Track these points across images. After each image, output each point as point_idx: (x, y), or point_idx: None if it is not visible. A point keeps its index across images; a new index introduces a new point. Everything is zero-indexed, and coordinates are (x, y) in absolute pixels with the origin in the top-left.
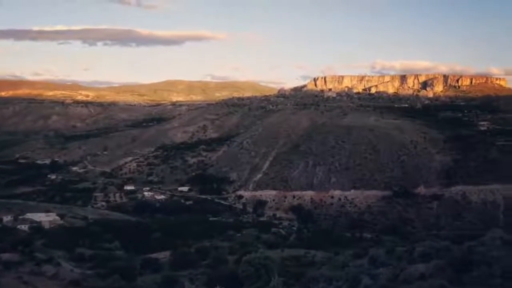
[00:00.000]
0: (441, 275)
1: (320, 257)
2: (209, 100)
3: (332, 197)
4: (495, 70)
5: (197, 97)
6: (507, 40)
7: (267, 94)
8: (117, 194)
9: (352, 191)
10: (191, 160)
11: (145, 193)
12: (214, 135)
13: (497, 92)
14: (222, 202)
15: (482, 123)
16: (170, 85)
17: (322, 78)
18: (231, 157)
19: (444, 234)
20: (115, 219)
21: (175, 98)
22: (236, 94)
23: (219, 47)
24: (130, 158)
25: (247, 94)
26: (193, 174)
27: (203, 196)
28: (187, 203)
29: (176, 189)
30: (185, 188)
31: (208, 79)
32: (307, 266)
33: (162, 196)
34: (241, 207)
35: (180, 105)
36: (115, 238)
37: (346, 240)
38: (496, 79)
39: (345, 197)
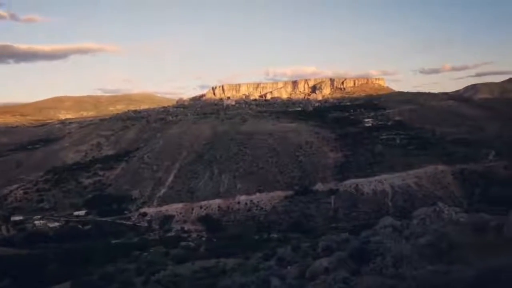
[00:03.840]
0: (343, 267)
1: (231, 265)
2: (102, 115)
3: (239, 202)
4: (373, 71)
5: (88, 113)
6: (382, 44)
7: (165, 105)
8: (3, 227)
9: (257, 194)
10: (87, 181)
11: (36, 222)
12: (111, 152)
13: (377, 91)
14: (125, 222)
15: (367, 120)
16: (56, 102)
17: (220, 86)
18: (131, 173)
19: (342, 226)
20: (2, 255)
21: (64, 115)
22: (131, 107)
23: (110, 60)
24: (15, 186)
25: (144, 106)
26: (90, 196)
27: (103, 219)
28: (85, 228)
29: (72, 214)
30: (81, 212)
31: (99, 93)
32: (219, 276)
33: (56, 224)
34: (146, 225)
35: (70, 123)
36: (4, 276)
37: (255, 243)
38: (376, 79)
39: (251, 201)
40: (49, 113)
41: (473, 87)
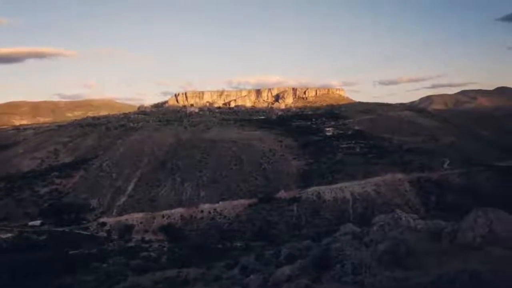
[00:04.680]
0: (305, 275)
1: (194, 274)
2: (59, 121)
3: (202, 211)
4: (334, 82)
5: (45, 119)
6: (343, 55)
7: (126, 111)
8: None
9: (221, 203)
10: (42, 190)
11: None
12: (68, 160)
13: (337, 101)
14: (83, 232)
15: (328, 129)
16: (11, 107)
17: (183, 93)
18: (90, 182)
19: (305, 233)
20: None
21: (18, 121)
22: (91, 113)
23: (68, 64)
24: None
25: (103, 112)
26: (46, 205)
27: (60, 229)
28: (41, 238)
29: (26, 224)
30: (37, 222)
31: (57, 98)
32: (181, 286)
33: (9, 235)
34: (105, 235)
35: (25, 129)
36: None
37: (218, 252)
38: (337, 90)
39: (215, 209)
40: (3, 119)
41: (428, 98)
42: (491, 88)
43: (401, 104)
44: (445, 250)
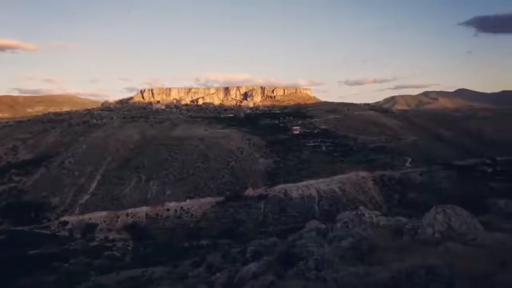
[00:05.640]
0: (271, 271)
1: (159, 273)
2: (19, 116)
3: (168, 209)
4: (302, 81)
5: (3, 114)
6: (311, 55)
7: (89, 107)
8: None
9: (188, 201)
10: (1, 188)
11: None
12: (28, 157)
13: (305, 100)
14: (43, 231)
15: (295, 128)
16: None
17: (149, 90)
18: (51, 179)
19: (272, 230)
20: None
21: None
22: (52, 109)
23: (29, 58)
24: None
25: (66, 108)
26: (4, 203)
27: (19, 228)
28: None
29: None
30: None
31: (16, 93)
32: (146, 285)
33: None
34: (67, 234)
35: None
36: None
37: (184, 251)
38: (304, 89)
39: (181, 208)
40: None
41: (392, 99)
42: (452, 90)
43: (366, 104)
44: (406, 245)
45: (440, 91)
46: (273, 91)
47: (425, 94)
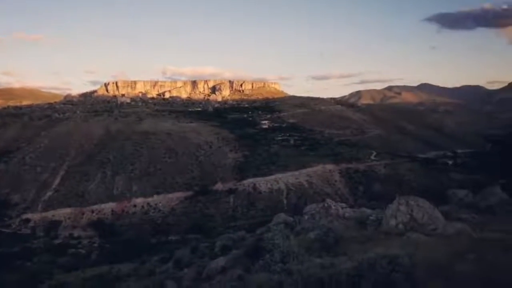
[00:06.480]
0: (239, 265)
1: (126, 270)
2: None
3: (135, 205)
4: (270, 76)
5: None
6: (278, 50)
7: (51, 101)
8: None
9: (155, 196)
10: None
11: None
12: None
13: (273, 94)
14: (4, 230)
15: (264, 122)
16: None
17: (113, 83)
18: (12, 176)
19: (241, 224)
20: None
21: None
22: (12, 103)
23: None
24: None
25: (26, 102)
26: None
27: None
28: None
29: None
30: None
31: None
32: (113, 282)
33: None
34: (29, 232)
35: None
36: None
37: (152, 247)
38: (272, 83)
39: (148, 203)
40: None
41: (357, 93)
42: (415, 84)
43: (332, 98)
44: (370, 236)
45: (404, 86)
46: (241, 85)
47: (389, 88)
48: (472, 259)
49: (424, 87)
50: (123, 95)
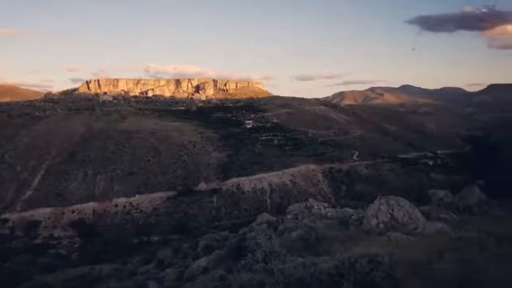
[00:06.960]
0: (221, 265)
1: (107, 271)
2: None
3: (117, 205)
4: (254, 75)
5: None
6: (262, 50)
7: (31, 99)
8: None
9: (137, 196)
10: None
11: None
12: None
13: (257, 94)
14: None
15: (248, 121)
16: None
17: (95, 81)
18: None
19: (224, 224)
20: None
21: None
22: None
23: None
24: None
25: (5, 99)
26: None
27: None
28: None
29: None
30: None
31: None
32: (94, 283)
33: None
34: (7, 232)
35: None
36: None
37: (134, 247)
38: (256, 83)
39: (130, 203)
40: None
41: (340, 94)
42: (397, 86)
43: (316, 99)
44: (352, 236)
45: (386, 87)
46: (225, 84)
47: (372, 89)
48: (451, 258)
49: (405, 89)
50: (105, 93)
